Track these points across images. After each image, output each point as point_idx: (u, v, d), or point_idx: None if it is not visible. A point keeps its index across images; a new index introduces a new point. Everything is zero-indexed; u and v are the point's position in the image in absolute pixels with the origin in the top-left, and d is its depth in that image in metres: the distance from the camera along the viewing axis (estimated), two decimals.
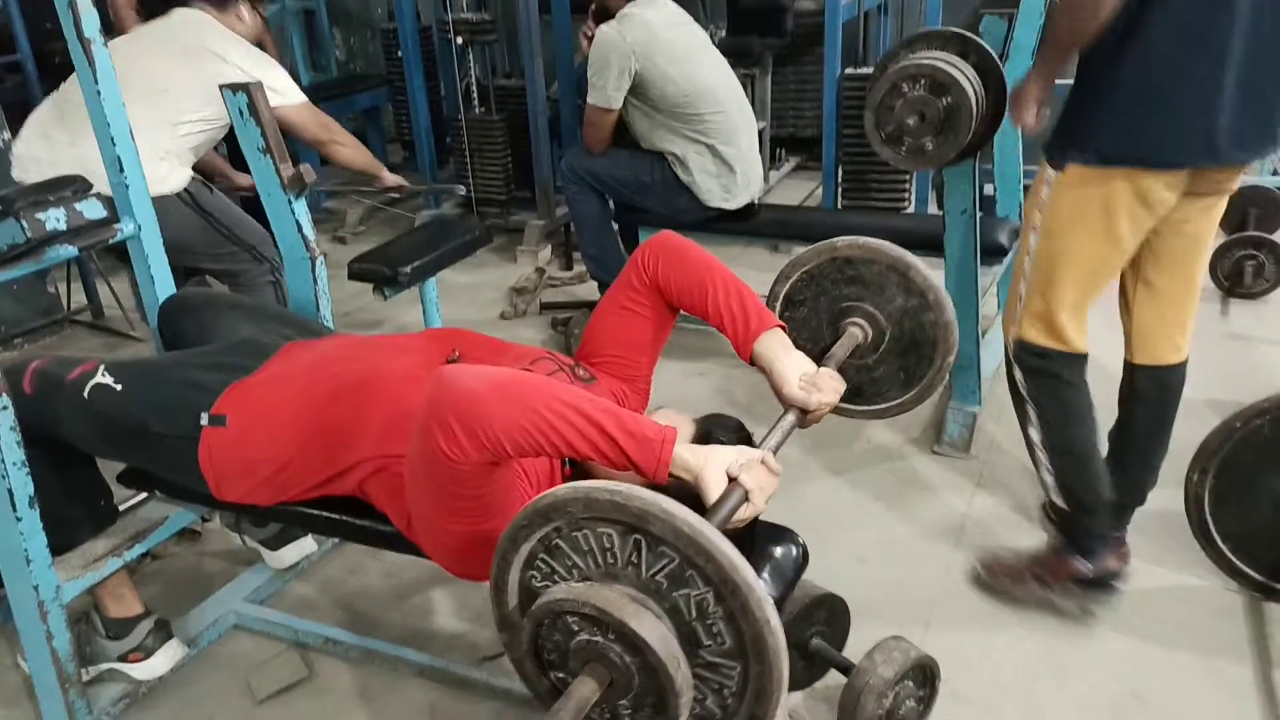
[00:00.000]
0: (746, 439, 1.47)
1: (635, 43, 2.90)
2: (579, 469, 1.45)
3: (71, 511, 1.73)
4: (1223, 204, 1.85)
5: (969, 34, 2.15)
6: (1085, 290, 1.87)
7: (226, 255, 2.62)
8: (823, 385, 1.50)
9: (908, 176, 4.04)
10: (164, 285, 2.04)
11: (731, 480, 1.25)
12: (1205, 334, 3.16)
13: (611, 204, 3.27)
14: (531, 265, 4.13)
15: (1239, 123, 1.67)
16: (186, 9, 2.67)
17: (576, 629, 1.08)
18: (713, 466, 1.25)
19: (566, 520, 1.08)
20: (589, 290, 3.91)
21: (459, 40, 4.12)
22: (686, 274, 1.62)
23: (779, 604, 1.42)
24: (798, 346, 1.57)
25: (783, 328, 1.58)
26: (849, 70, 3.96)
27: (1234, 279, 3.44)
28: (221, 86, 1.95)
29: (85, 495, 1.77)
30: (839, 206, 4.12)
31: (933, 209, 4.21)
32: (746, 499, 1.25)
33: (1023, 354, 1.95)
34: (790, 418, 1.50)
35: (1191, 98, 1.66)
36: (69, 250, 1.89)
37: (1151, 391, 2.03)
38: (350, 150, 2.87)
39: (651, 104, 2.98)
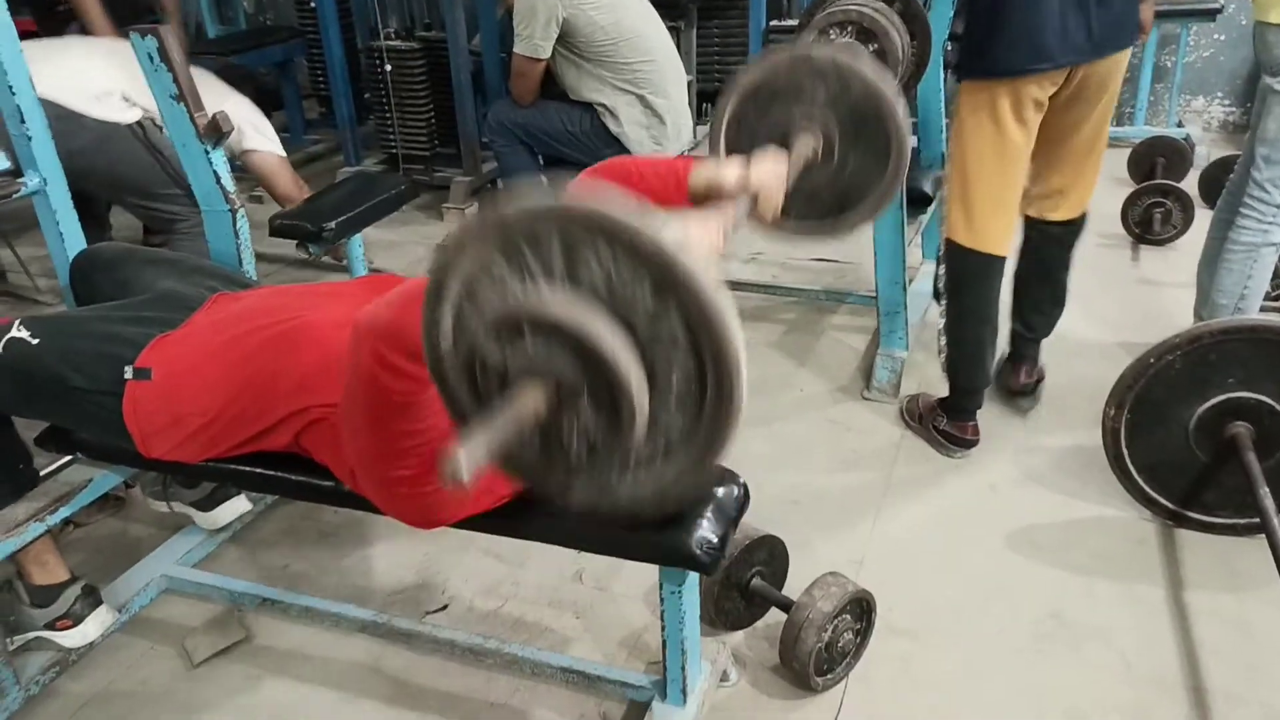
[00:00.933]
0: None
1: None
2: None
3: None
4: (1101, 99, 2.21)
5: None
6: (995, 188, 2.21)
7: (166, 196, 2.55)
8: (761, 167, 1.42)
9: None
10: (74, 241, 1.95)
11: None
12: (1116, 279, 3.31)
13: (540, 158, 3.23)
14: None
15: (1065, 32, 2.07)
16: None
17: (509, 354, 0.93)
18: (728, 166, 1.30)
19: (458, 279, 0.94)
20: None
21: None
22: (617, 176, 1.49)
23: (722, 543, 1.44)
24: None
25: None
26: (774, 23, 3.96)
27: (1143, 226, 3.56)
28: (130, 30, 1.85)
29: (4, 457, 1.70)
30: None
31: None
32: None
33: (947, 252, 2.32)
34: (742, 204, 1.41)
35: (1022, 17, 2.07)
36: None
37: (1036, 239, 2.46)
38: None
39: (579, 52, 2.95)
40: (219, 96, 2.72)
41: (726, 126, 1.69)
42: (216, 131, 1.91)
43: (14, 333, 1.55)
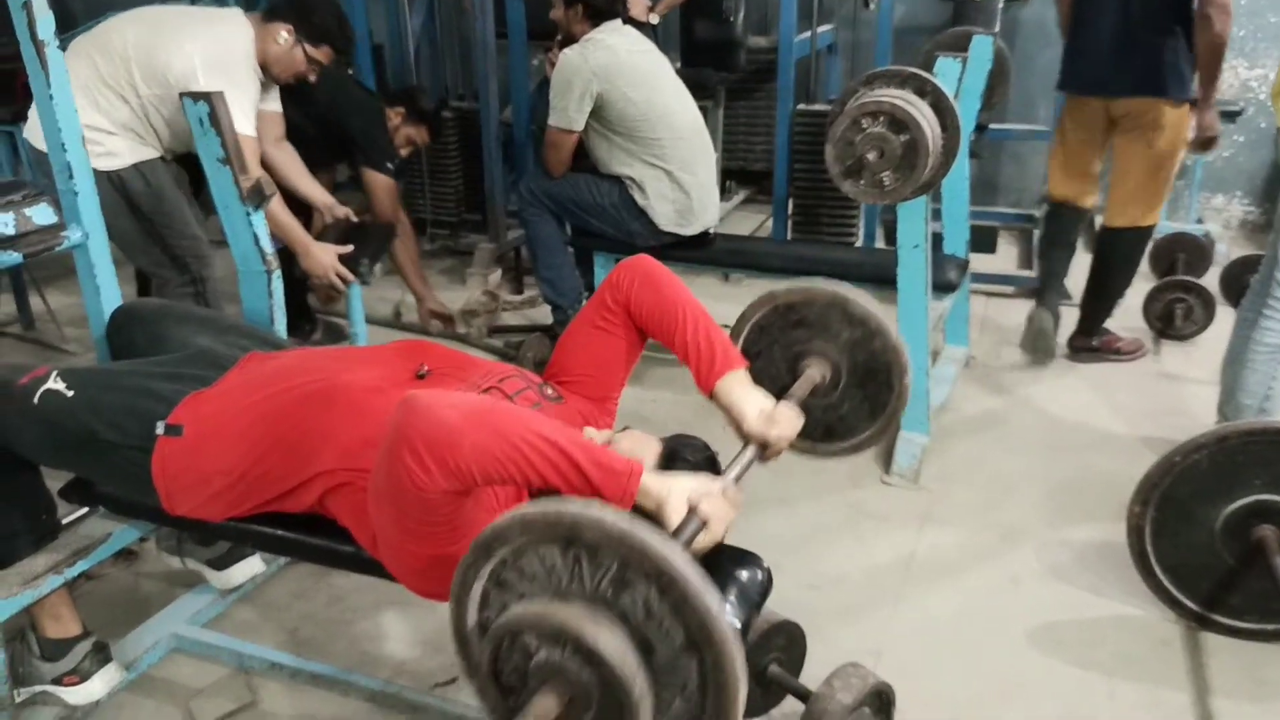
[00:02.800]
0: (712, 459, 1.48)
1: (597, 65, 2.93)
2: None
3: (11, 524, 1.67)
4: (1143, 139, 3.01)
5: (925, 74, 2.22)
6: (1057, 163, 3.30)
7: (142, 255, 2.55)
8: (780, 419, 1.53)
9: (856, 211, 4.13)
10: (110, 296, 1.98)
11: (691, 509, 1.27)
12: (1138, 374, 3.30)
13: (567, 228, 3.28)
14: (480, 288, 4.11)
15: (1095, 67, 3.03)
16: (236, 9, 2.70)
17: (534, 649, 1.07)
18: (675, 495, 1.27)
19: (509, 549, 1.10)
20: (540, 314, 3.91)
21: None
22: (658, 302, 1.63)
23: (745, 627, 1.42)
24: None
25: (747, 367, 1.61)
26: (801, 106, 4.05)
27: (1164, 321, 3.57)
28: (182, 95, 1.91)
29: (27, 507, 1.71)
30: (789, 239, 4.18)
31: (879, 244, 4.31)
32: (705, 527, 1.27)
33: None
34: (749, 452, 1.52)
35: (1072, 46, 3.13)
36: (13, 257, 1.84)
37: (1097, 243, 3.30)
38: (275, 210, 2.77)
39: (610, 127, 3.01)
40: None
41: (750, 329, 1.82)
42: (259, 195, 1.95)
43: (50, 384, 1.56)
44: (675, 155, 3.01)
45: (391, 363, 1.59)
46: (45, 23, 1.79)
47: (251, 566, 2.11)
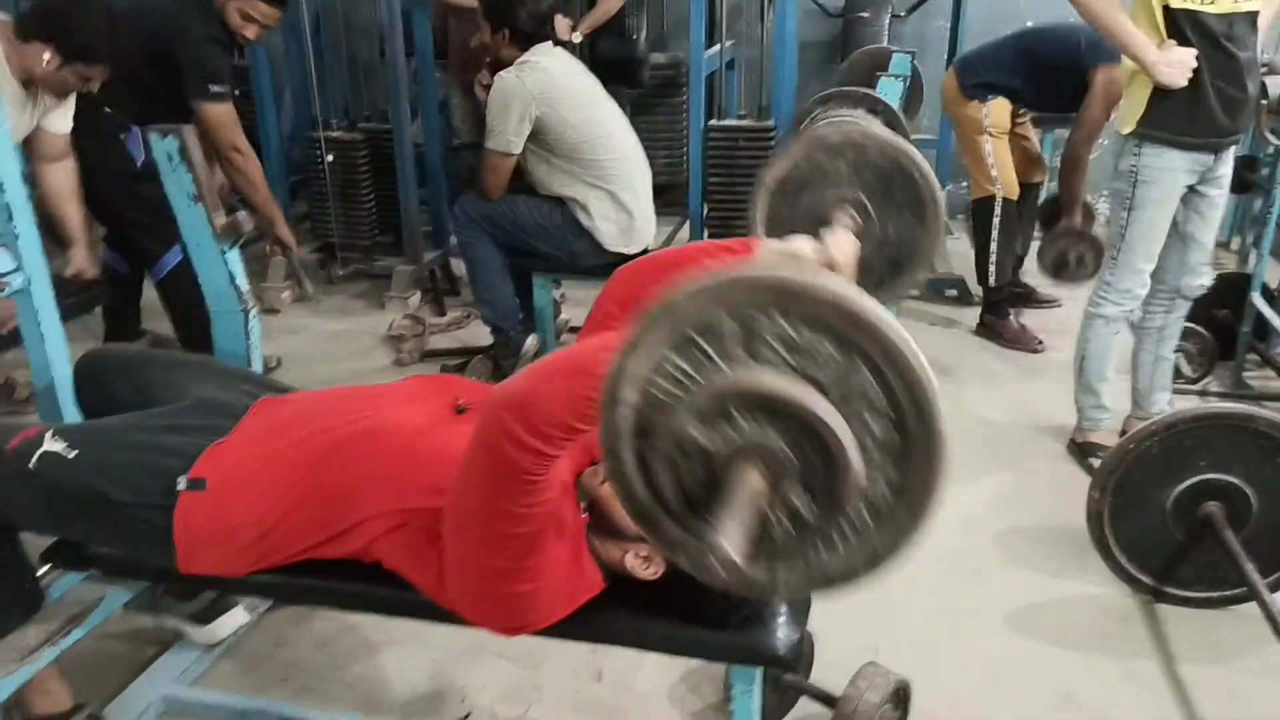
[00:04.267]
0: None
1: (535, 88, 2.92)
2: (594, 514, 1.43)
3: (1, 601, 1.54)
4: None
5: (876, 94, 2.33)
6: None
7: None
8: (833, 242, 1.41)
9: None
10: (56, 347, 1.85)
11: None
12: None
13: (506, 250, 3.24)
14: (401, 312, 4.01)
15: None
16: None
17: (705, 446, 0.91)
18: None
19: (633, 395, 0.93)
20: (470, 335, 3.86)
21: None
22: (661, 272, 1.52)
23: (802, 638, 1.45)
24: None
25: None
26: (713, 122, 4.14)
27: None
28: (146, 129, 1.81)
29: (11, 576, 1.58)
30: None
31: None
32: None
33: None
34: None
35: None
36: None
37: None
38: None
39: (550, 149, 3.01)
40: None
41: (761, 227, 1.75)
42: (235, 232, 1.87)
43: (48, 445, 1.46)
44: (616, 175, 3.03)
45: (424, 400, 1.55)
46: None
47: (236, 618, 2.02)
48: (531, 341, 3.22)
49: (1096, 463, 2.79)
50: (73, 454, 1.46)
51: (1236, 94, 2.44)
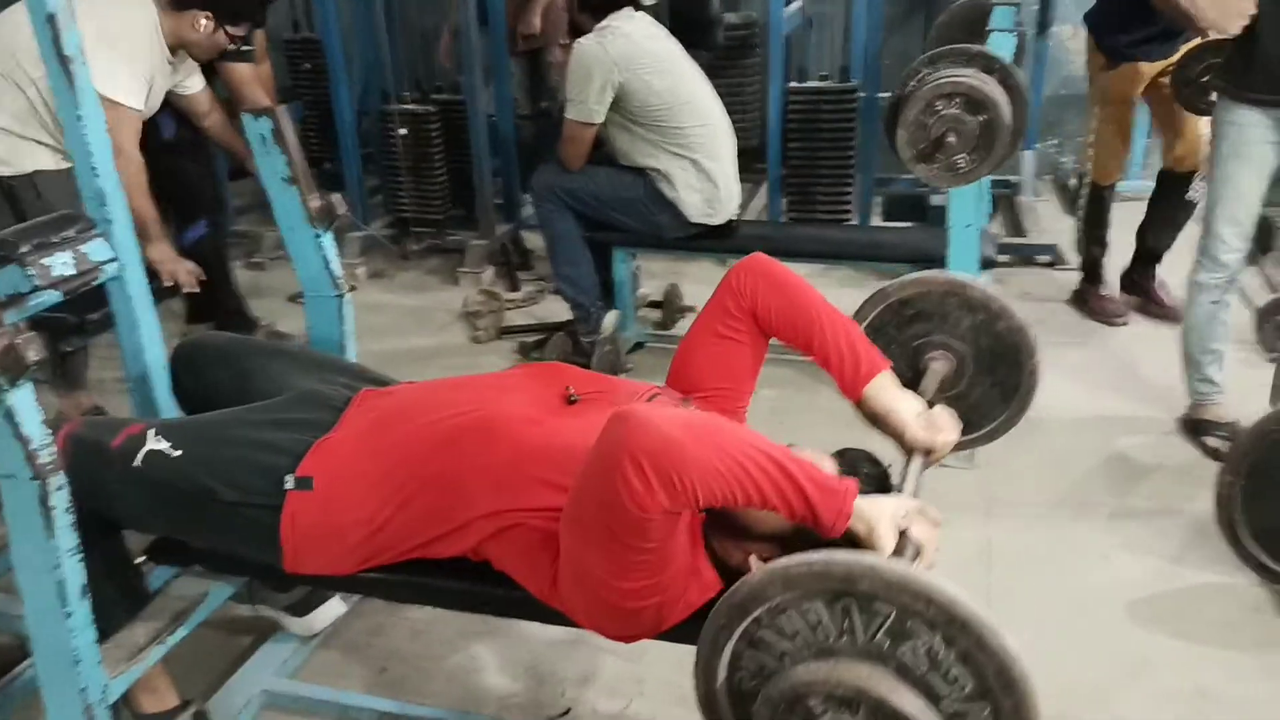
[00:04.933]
0: (884, 473, 1.43)
1: (618, 55, 2.82)
2: (712, 514, 1.36)
3: (106, 593, 1.51)
4: None
5: (992, 52, 2.18)
6: None
7: None
8: (942, 423, 1.49)
9: (851, 189, 4.10)
10: (150, 335, 1.82)
11: (901, 534, 1.21)
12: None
13: (584, 222, 3.16)
14: (474, 287, 3.96)
15: None
16: None
17: (819, 713, 1.02)
18: (886, 519, 1.20)
19: (768, 607, 1.04)
20: (545, 311, 3.80)
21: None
22: (788, 306, 1.56)
23: None
24: None
25: (890, 368, 1.55)
26: (794, 84, 3.99)
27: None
28: (242, 111, 1.76)
29: (117, 573, 1.56)
30: (784, 219, 4.14)
31: (874, 220, 4.30)
32: (919, 553, 1.22)
33: None
34: (917, 462, 1.47)
35: None
36: (53, 296, 1.67)
37: None
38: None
39: (633, 118, 2.90)
40: None
41: (865, 331, 1.74)
42: (329, 216, 1.82)
43: (152, 444, 1.42)
44: (701, 144, 2.92)
45: (533, 389, 1.48)
46: (70, 37, 1.63)
47: (333, 609, 1.99)
48: (611, 318, 3.13)
49: (1211, 440, 2.65)
50: (177, 453, 1.42)
51: None
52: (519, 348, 3.40)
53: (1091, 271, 3.53)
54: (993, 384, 1.74)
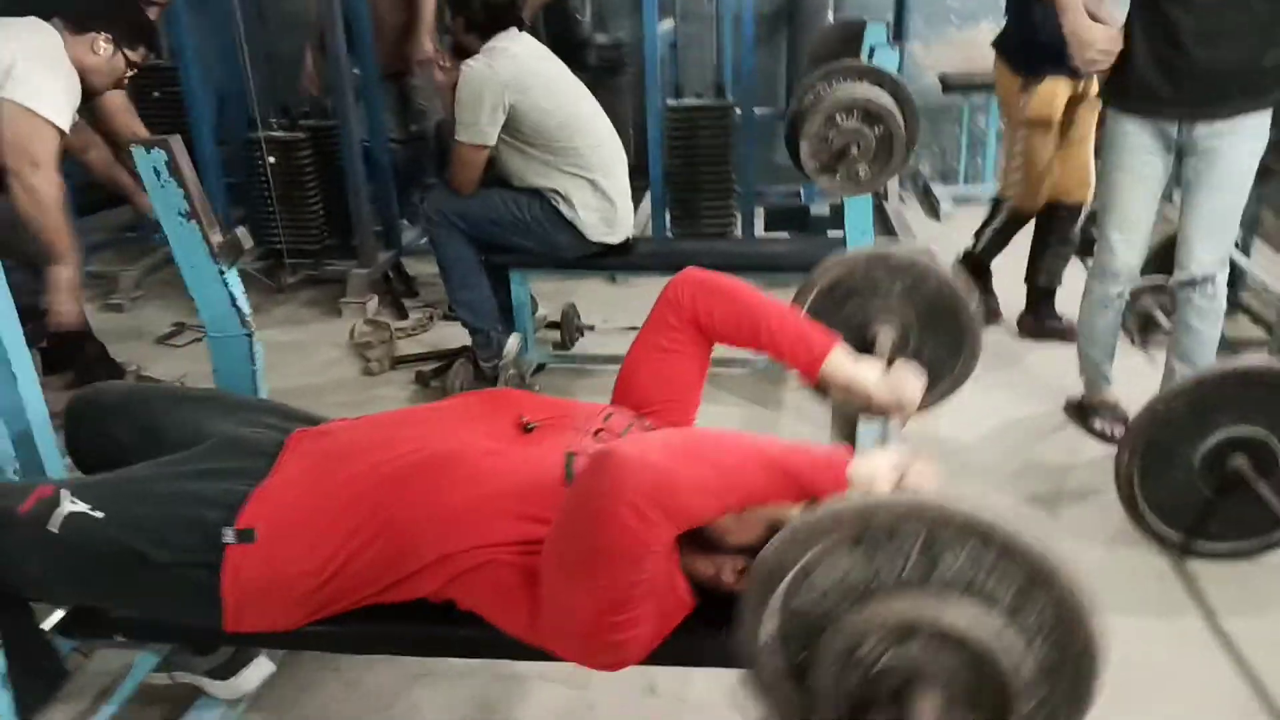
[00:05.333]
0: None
1: (508, 76, 2.79)
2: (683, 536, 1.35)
3: (18, 675, 1.38)
4: None
5: (881, 68, 2.26)
6: None
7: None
8: (904, 381, 1.52)
9: (731, 202, 4.18)
10: (28, 385, 1.67)
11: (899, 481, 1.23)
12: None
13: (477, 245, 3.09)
14: (359, 318, 3.83)
15: None
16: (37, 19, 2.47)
17: (875, 657, 1.00)
18: (882, 473, 1.21)
19: (794, 573, 1.02)
20: (437, 338, 3.71)
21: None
22: (731, 308, 1.56)
23: None
24: None
25: (840, 341, 1.56)
26: (672, 101, 4.05)
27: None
28: (132, 144, 1.64)
29: (31, 653, 1.42)
30: (668, 235, 4.18)
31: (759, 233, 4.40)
32: None
33: None
34: (894, 423, 1.50)
35: None
36: None
37: None
38: (29, 196, 2.45)
39: (525, 139, 2.87)
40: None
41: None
42: (235, 252, 1.71)
43: (69, 505, 1.30)
44: (596, 163, 2.92)
45: (483, 420, 1.43)
46: None
47: (262, 669, 1.86)
48: (514, 341, 3.08)
49: (1098, 423, 2.81)
50: (99, 514, 1.30)
51: (1170, 54, 2.26)
52: (416, 377, 3.29)
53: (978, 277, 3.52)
54: (939, 339, 1.78)
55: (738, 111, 4.11)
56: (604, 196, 2.94)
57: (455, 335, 3.70)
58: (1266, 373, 2.10)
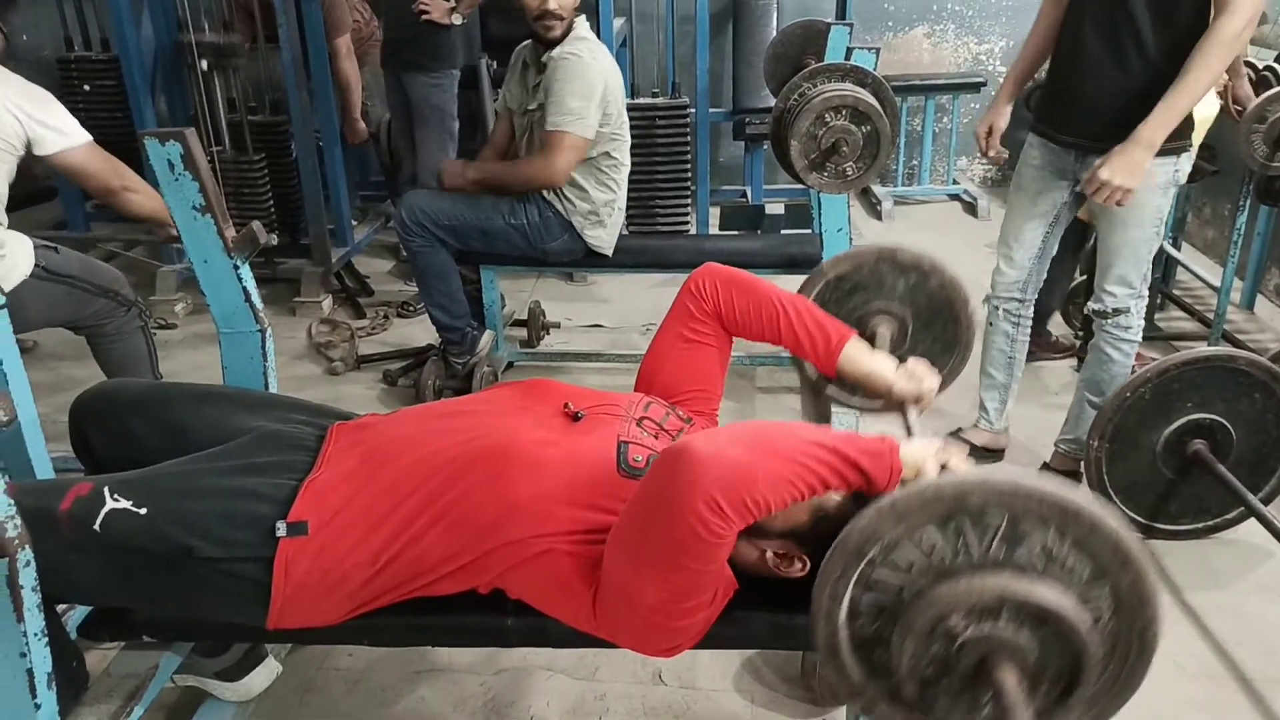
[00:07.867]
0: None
1: (608, 69, 2.70)
2: None
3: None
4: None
5: (864, 67, 2.34)
6: None
7: (95, 311, 2.41)
8: (922, 373, 1.57)
9: (688, 200, 4.23)
10: (18, 380, 1.62)
11: (943, 467, 1.27)
12: None
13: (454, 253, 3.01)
14: (315, 318, 3.77)
15: None
16: None
17: (959, 630, 1.05)
18: (930, 459, 1.26)
19: (881, 546, 1.07)
20: (398, 336, 3.67)
21: (203, 64, 3.63)
22: (751, 301, 1.59)
23: None
24: None
25: (856, 334, 1.61)
26: (630, 101, 4.07)
27: None
28: (145, 135, 1.60)
29: (58, 656, 1.37)
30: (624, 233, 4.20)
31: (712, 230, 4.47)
32: None
33: None
34: (913, 412, 1.56)
35: None
36: None
37: None
38: (142, 196, 2.44)
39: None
40: None
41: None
42: (250, 245, 1.69)
43: (112, 503, 1.27)
44: (625, 175, 2.88)
45: (529, 410, 1.44)
46: None
47: (271, 669, 1.84)
48: (487, 338, 3.07)
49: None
50: (143, 510, 1.27)
51: (1062, 82, 2.27)
52: (384, 376, 3.25)
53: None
54: (935, 338, 1.86)
55: (693, 111, 4.16)
56: (618, 210, 2.92)
57: (413, 334, 3.68)
58: (1223, 358, 2.24)
